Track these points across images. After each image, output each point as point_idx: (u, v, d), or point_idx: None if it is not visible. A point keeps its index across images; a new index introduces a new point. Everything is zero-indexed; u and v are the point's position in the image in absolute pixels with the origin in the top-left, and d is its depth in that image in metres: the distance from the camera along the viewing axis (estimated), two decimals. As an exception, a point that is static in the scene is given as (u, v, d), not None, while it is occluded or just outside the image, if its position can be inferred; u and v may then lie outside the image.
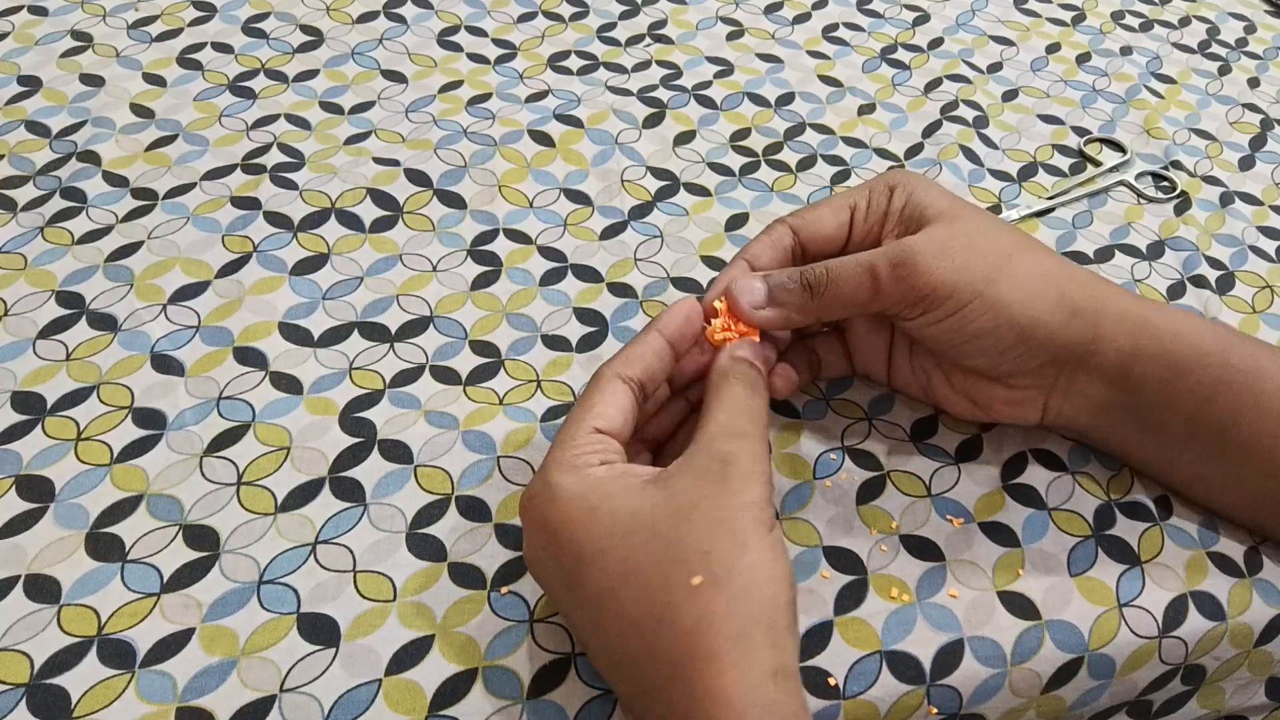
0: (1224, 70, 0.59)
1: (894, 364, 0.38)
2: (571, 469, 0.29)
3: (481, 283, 0.43)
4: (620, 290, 0.43)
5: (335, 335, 0.40)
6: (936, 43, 0.59)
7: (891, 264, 0.32)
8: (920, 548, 0.35)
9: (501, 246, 0.44)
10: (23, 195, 0.44)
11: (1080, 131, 0.54)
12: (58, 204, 0.44)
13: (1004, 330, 0.33)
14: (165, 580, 0.32)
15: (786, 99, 0.53)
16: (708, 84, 0.54)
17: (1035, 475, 0.38)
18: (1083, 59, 0.59)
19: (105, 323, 0.39)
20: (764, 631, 0.26)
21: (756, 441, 0.29)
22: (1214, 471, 0.35)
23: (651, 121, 0.51)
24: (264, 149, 0.47)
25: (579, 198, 0.47)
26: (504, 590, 0.33)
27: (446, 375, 0.39)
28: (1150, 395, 0.34)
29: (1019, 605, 0.34)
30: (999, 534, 0.36)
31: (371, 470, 0.36)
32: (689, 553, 0.26)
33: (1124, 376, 0.34)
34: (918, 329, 0.34)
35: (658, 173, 0.49)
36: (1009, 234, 0.35)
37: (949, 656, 0.33)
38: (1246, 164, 0.53)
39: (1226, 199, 0.50)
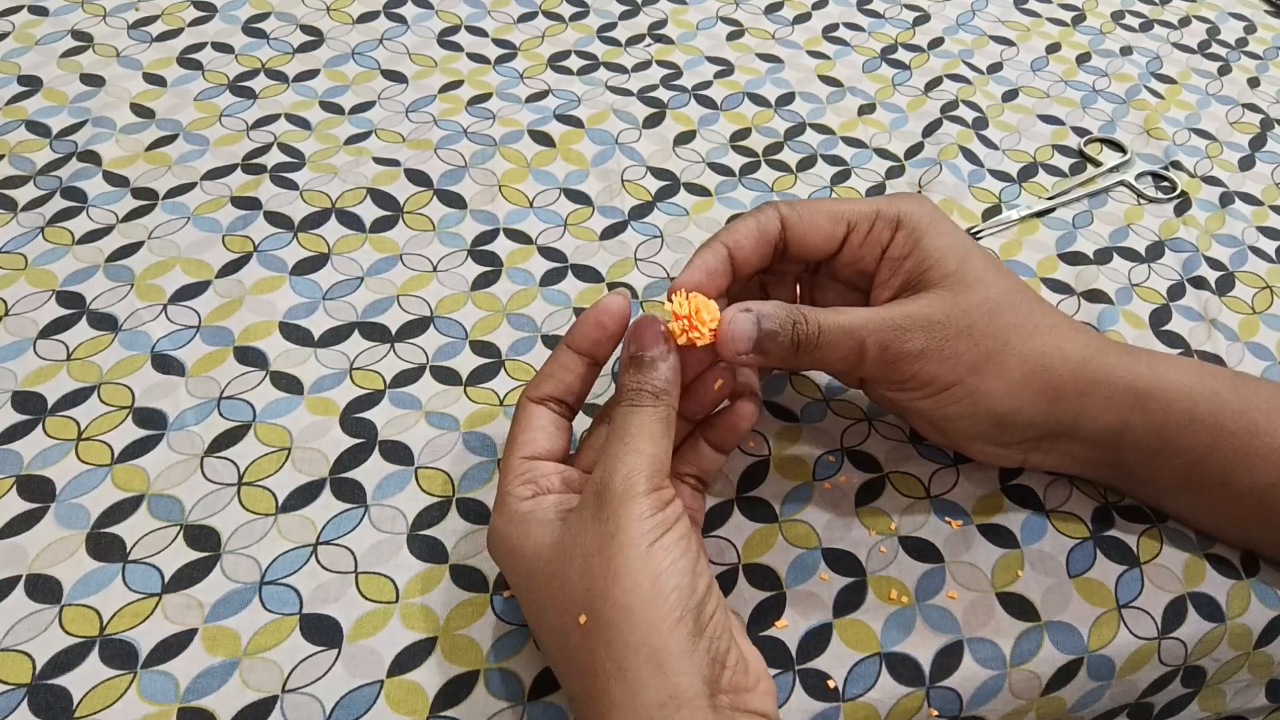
0: (1224, 70, 0.59)
1: (867, 386, 0.36)
2: (501, 507, 0.30)
3: (482, 283, 0.43)
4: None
5: (336, 335, 0.40)
6: (937, 43, 0.59)
7: (881, 346, 0.31)
8: (919, 549, 0.35)
9: (502, 246, 0.44)
10: (23, 195, 0.44)
11: (1080, 132, 0.54)
12: (58, 204, 0.44)
13: (980, 416, 0.32)
14: (167, 580, 0.32)
15: (787, 99, 0.53)
16: (708, 84, 0.54)
17: (1033, 477, 0.38)
18: (1083, 59, 0.59)
19: (106, 323, 0.39)
20: (645, 661, 0.25)
21: (627, 459, 0.28)
22: (1203, 515, 0.36)
23: (652, 121, 0.51)
24: (264, 149, 0.47)
25: (579, 198, 0.47)
26: (506, 593, 0.33)
27: (447, 376, 0.39)
28: (1138, 459, 0.34)
29: (1018, 607, 0.34)
30: (998, 536, 0.36)
31: (372, 471, 0.36)
32: (573, 591, 0.27)
33: (1109, 443, 0.33)
34: (889, 398, 0.34)
35: (658, 173, 0.49)
36: (1010, 311, 0.32)
37: (948, 658, 0.33)
38: (1246, 164, 0.53)
39: (1226, 199, 0.50)
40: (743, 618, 0.33)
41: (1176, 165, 0.52)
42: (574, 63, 0.54)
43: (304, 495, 0.35)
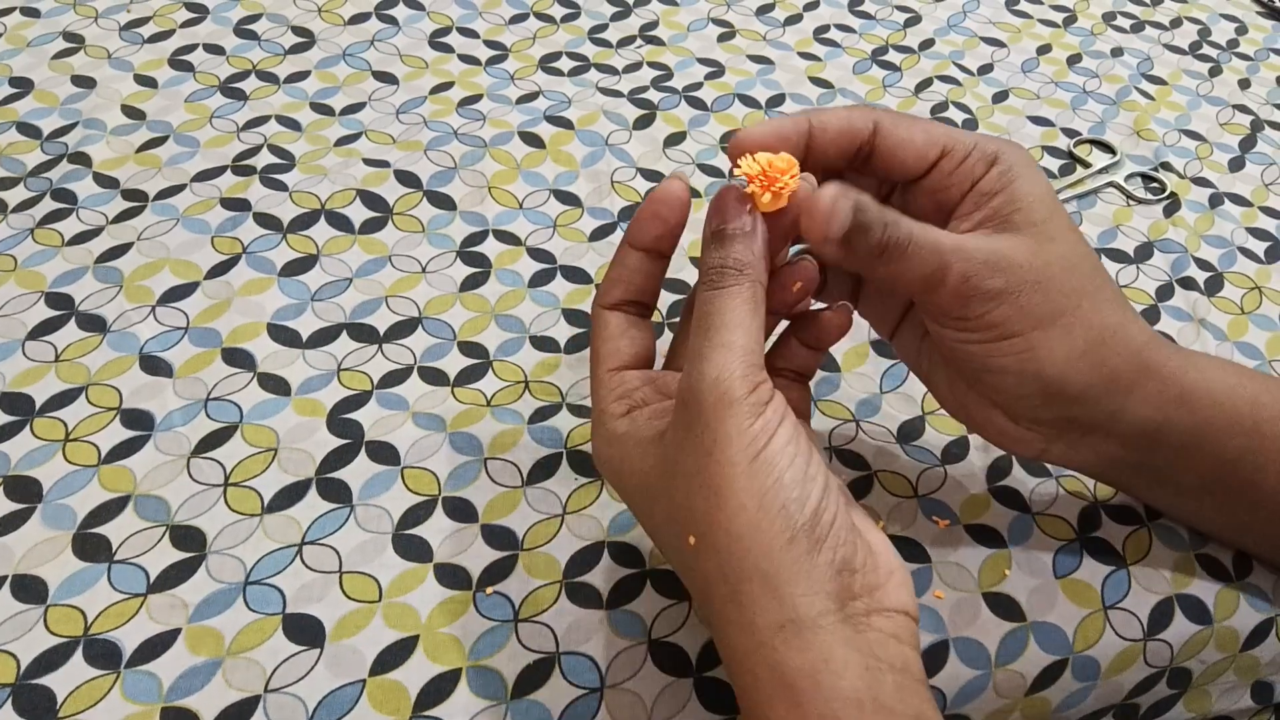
0: (1215, 72, 0.59)
1: (901, 332, 0.34)
2: (599, 428, 0.29)
3: (470, 284, 0.43)
4: (609, 291, 0.43)
5: (324, 336, 0.40)
6: (927, 44, 0.59)
7: (963, 276, 0.28)
8: (907, 548, 0.35)
9: (491, 248, 0.44)
10: (13, 197, 0.44)
11: (1070, 133, 0.54)
12: (48, 205, 0.44)
13: (1028, 378, 0.30)
14: (152, 581, 0.32)
15: (777, 100, 0.54)
16: (698, 85, 0.54)
17: (1020, 479, 0.38)
18: (1073, 60, 0.59)
19: (94, 324, 0.40)
20: (759, 585, 0.24)
21: (716, 356, 0.25)
22: (1222, 517, 0.35)
23: (642, 123, 0.51)
24: (254, 150, 0.47)
25: (569, 199, 0.47)
26: (489, 590, 0.33)
27: (435, 376, 0.39)
28: (1168, 459, 0.32)
29: (1004, 607, 0.34)
30: (985, 536, 0.36)
31: (359, 471, 0.36)
32: (679, 513, 0.26)
33: (1143, 441, 0.32)
34: (942, 336, 0.31)
35: (648, 174, 0.49)
36: (1087, 275, 0.30)
37: (933, 657, 0.33)
38: (1236, 165, 0.53)
39: (1216, 200, 0.50)
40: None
41: (1166, 166, 0.52)
42: (565, 64, 0.54)
43: (290, 495, 0.35)
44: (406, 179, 0.47)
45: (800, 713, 0.23)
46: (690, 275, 0.44)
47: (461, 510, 0.35)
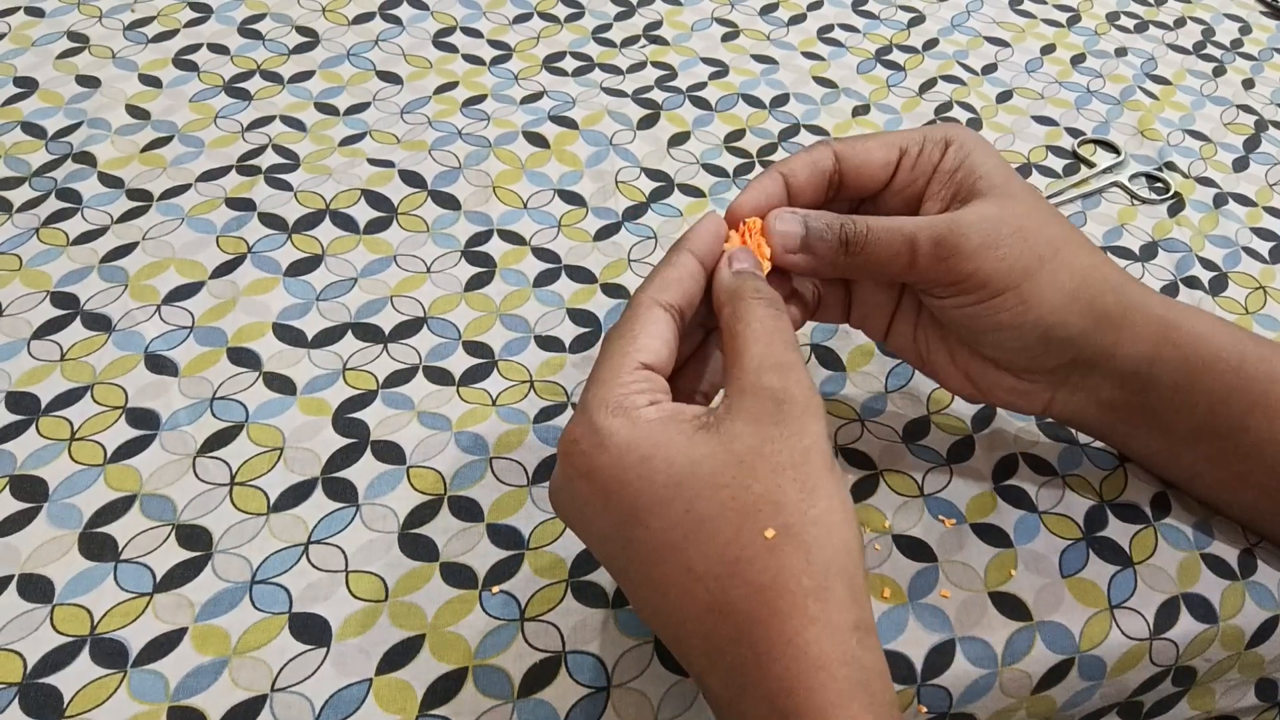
0: (1219, 71, 0.59)
1: (895, 326, 0.36)
2: (620, 411, 0.26)
3: (475, 284, 0.43)
4: (614, 291, 0.43)
5: (329, 336, 0.40)
6: (931, 44, 0.59)
7: (934, 241, 0.30)
8: (912, 548, 0.35)
9: (496, 247, 0.44)
10: (18, 196, 0.44)
11: (1074, 133, 0.54)
12: (53, 205, 0.44)
13: (1029, 328, 0.32)
14: (158, 580, 0.32)
15: (781, 100, 0.54)
16: (702, 85, 0.54)
17: (1026, 478, 0.38)
18: (1077, 60, 0.59)
19: (99, 323, 0.40)
20: (844, 584, 0.25)
21: (801, 370, 0.27)
22: (1217, 470, 0.35)
23: (646, 123, 0.51)
24: (259, 150, 0.47)
25: (573, 199, 0.47)
26: (495, 589, 0.33)
27: (440, 376, 0.39)
28: (1162, 398, 0.34)
29: (1010, 606, 0.34)
30: (991, 535, 0.36)
31: (364, 471, 0.36)
32: (759, 503, 0.25)
33: (1138, 380, 0.33)
34: (941, 308, 0.33)
35: (652, 174, 0.49)
36: (1057, 224, 0.33)
37: (940, 656, 0.33)
38: (1240, 165, 0.53)
39: (1220, 200, 0.50)
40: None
41: (1170, 166, 0.52)
42: (569, 64, 0.54)
43: (296, 495, 0.35)
44: (411, 179, 0.47)
45: (875, 714, 0.24)
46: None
47: (467, 509, 0.35)
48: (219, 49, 0.53)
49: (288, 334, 0.40)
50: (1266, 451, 0.33)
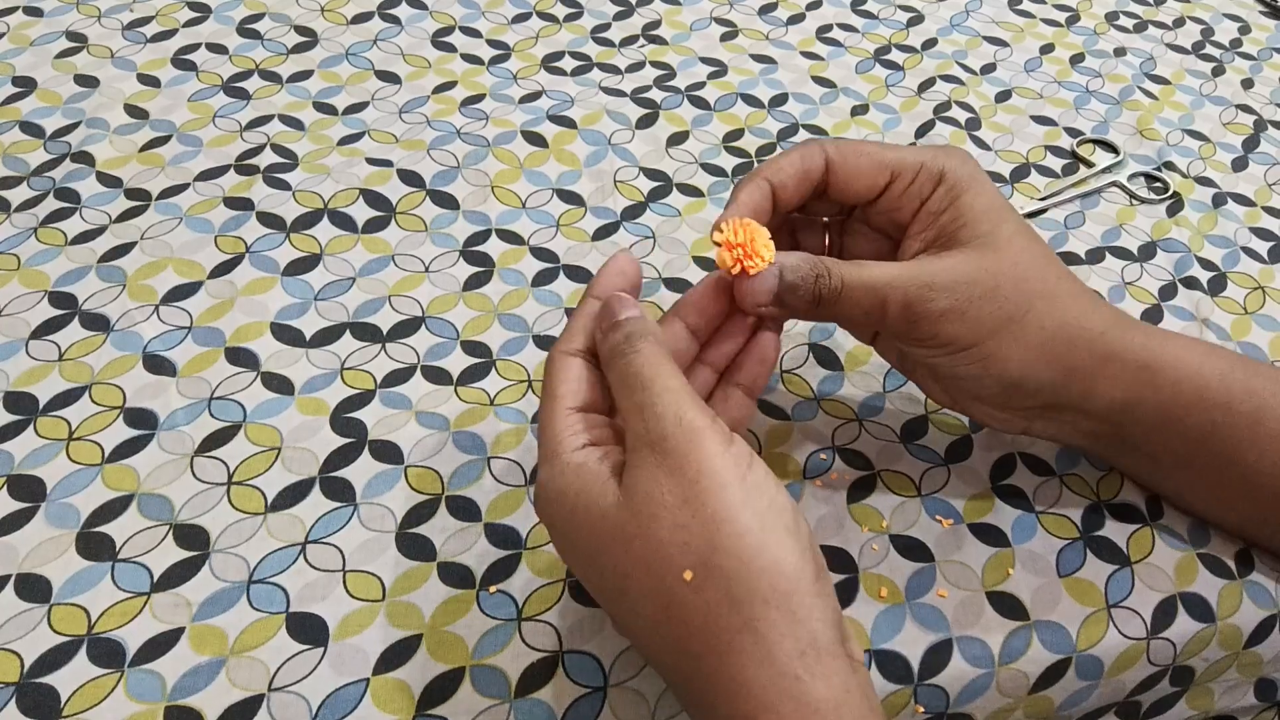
0: (1218, 71, 0.59)
1: (880, 341, 0.36)
2: (553, 460, 0.27)
3: (474, 283, 0.43)
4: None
5: (327, 336, 0.40)
6: (930, 43, 0.59)
7: (903, 303, 0.31)
8: (910, 548, 0.35)
9: (494, 247, 0.44)
10: (17, 196, 0.44)
11: (1073, 132, 0.54)
12: (51, 204, 0.44)
13: (991, 379, 0.32)
14: (155, 580, 0.32)
15: (780, 100, 0.54)
16: (701, 85, 0.54)
17: (1023, 478, 0.38)
18: (1076, 60, 0.59)
19: (98, 323, 0.40)
20: (779, 608, 0.24)
21: (682, 400, 0.26)
22: (1205, 492, 0.35)
23: (645, 122, 0.51)
24: (257, 150, 0.47)
25: (571, 198, 0.47)
26: (492, 589, 0.33)
27: (438, 375, 0.39)
28: (1143, 434, 0.34)
29: (1008, 606, 0.34)
30: (988, 535, 0.36)
31: (362, 470, 0.36)
32: (667, 548, 0.25)
33: (1114, 419, 0.33)
34: (908, 352, 0.34)
35: (650, 173, 0.49)
36: (1038, 276, 0.32)
37: (937, 656, 0.33)
38: (1239, 165, 0.53)
39: (1219, 200, 0.50)
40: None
41: (1169, 166, 0.52)
42: (567, 63, 0.54)
43: (293, 494, 0.35)
44: (409, 178, 0.47)
45: None
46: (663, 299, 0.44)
47: (465, 509, 0.35)
48: (217, 48, 0.53)
49: (286, 334, 0.40)
50: (1256, 481, 0.33)
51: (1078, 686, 0.34)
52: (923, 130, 0.53)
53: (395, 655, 0.31)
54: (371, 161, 0.47)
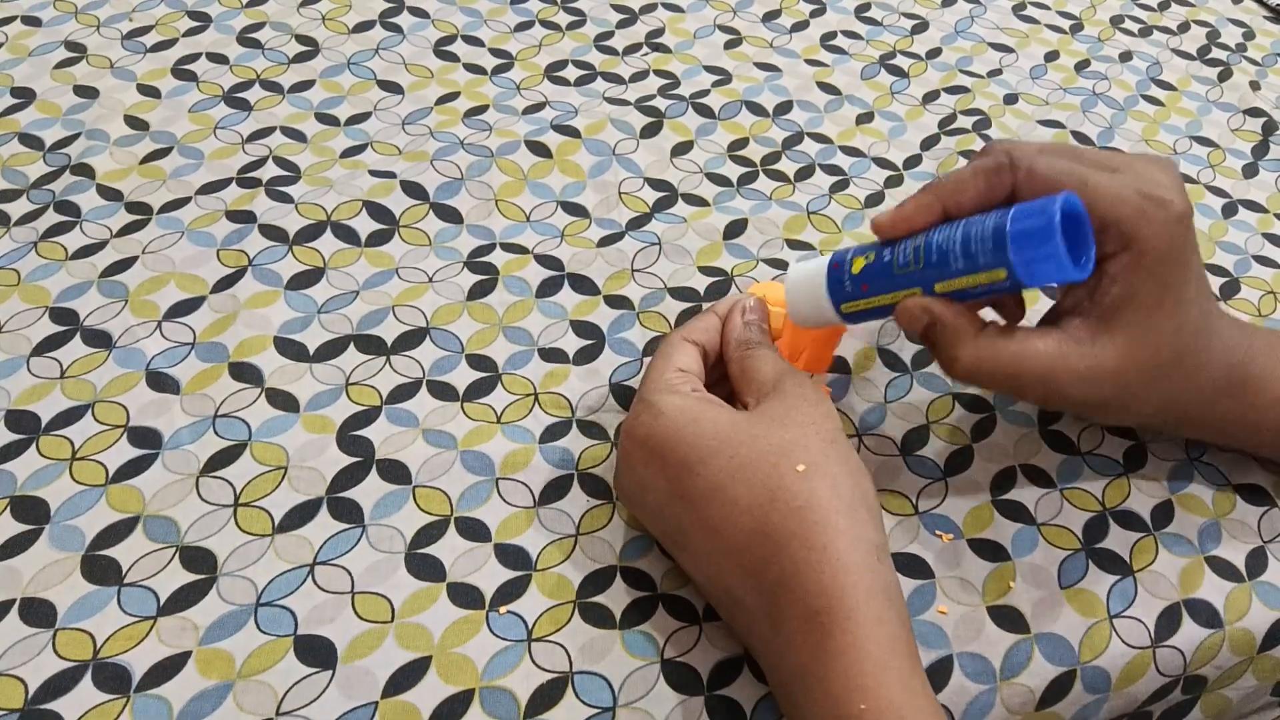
0: (1224, 76, 0.59)
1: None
2: (670, 390, 0.32)
3: (478, 292, 0.43)
4: (616, 303, 0.43)
5: (331, 349, 0.40)
6: (935, 51, 0.59)
7: (1041, 381, 0.31)
8: (910, 565, 0.35)
9: (498, 259, 0.44)
10: (16, 209, 0.44)
11: (1080, 138, 0.53)
12: (51, 218, 0.44)
13: (1094, 413, 0.36)
14: (162, 603, 0.32)
15: (784, 108, 0.53)
16: (705, 93, 0.54)
17: (1024, 492, 0.38)
18: (1081, 66, 0.59)
19: (99, 340, 0.39)
20: (866, 509, 0.30)
21: (804, 381, 0.33)
22: (1242, 417, 0.35)
23: (649, 131, 0.51)
24: (259, 162, 0.47)
25: (576, 210, 0.47)
26: (503, 610, 0.33)
27: (443, 391, 0.39)
28: (1214, 421, 0.35)
29: (1008, 619, 0.34)
30: (988, 550, 0.36)
31: (370, 491, 0.35)
32: (791, 446, 0.30)
33: (1190, 416, 0.35)
34: None
35: (655, 183, 0.48)
36: (1174, 362, 0.31)
37: (938, 674, 0.33)
38: (1250, 171, 0.53)
39: (1229, 209, 0.50)
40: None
41: (1175, 173, 0.52)
42: (571, 73, 0.54)
43: (301, 515, 0.35)
44: (413, 190, 0.47)
45: (894, 613, 0.29)
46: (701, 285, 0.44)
47: (474, 530, 0.35)
48: (218, 58, 0.52)
49: (289, 348, 0.40)
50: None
51: (1086, 700, 0.34)
52: (928, 139, 0.52)
53: (404, 677, 0.31)
54: (374, 173, 0.47)
